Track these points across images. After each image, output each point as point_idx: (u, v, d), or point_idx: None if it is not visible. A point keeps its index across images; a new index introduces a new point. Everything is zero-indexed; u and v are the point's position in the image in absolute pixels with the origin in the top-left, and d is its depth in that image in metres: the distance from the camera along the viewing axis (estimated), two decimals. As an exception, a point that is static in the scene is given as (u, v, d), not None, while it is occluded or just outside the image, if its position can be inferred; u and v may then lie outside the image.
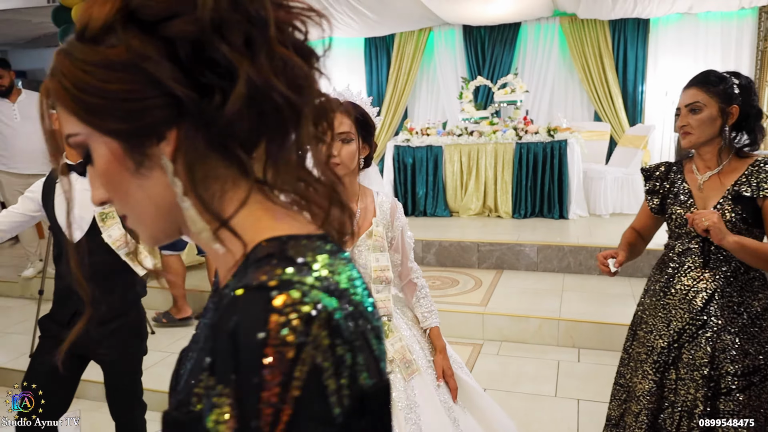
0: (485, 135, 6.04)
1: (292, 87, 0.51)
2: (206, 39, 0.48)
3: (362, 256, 1.79)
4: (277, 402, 0.42)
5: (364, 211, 1.82)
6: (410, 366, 1.71)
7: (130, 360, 2.25)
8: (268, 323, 0.43)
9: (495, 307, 3.93)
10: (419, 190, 6.17)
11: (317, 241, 0.53)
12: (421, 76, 7.96)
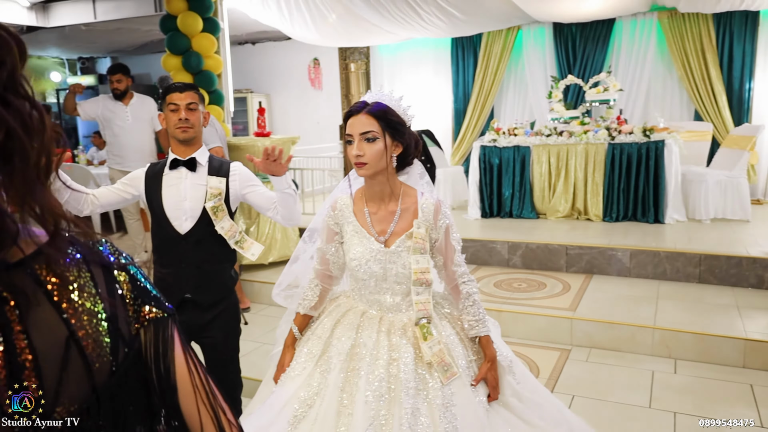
0: (575, 135, 5.87)
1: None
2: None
3: (401, 257, 1.76)
4: None
5: (405, 212, 1.80)
6: (449, 369, 1.69)
7: (233, 340, 2.40)
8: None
9: (584, 312, 3.82)
10: (505, 191, 6.08)
11: None
12: (509, 76, 7.84)
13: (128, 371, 0.71)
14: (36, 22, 7.45)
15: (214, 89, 5.63)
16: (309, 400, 1.69)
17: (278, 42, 9.45)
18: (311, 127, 9.04)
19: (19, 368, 0.62)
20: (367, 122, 1.70)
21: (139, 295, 0.74)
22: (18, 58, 0.65)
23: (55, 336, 0.65)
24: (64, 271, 0.66)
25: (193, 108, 2.23)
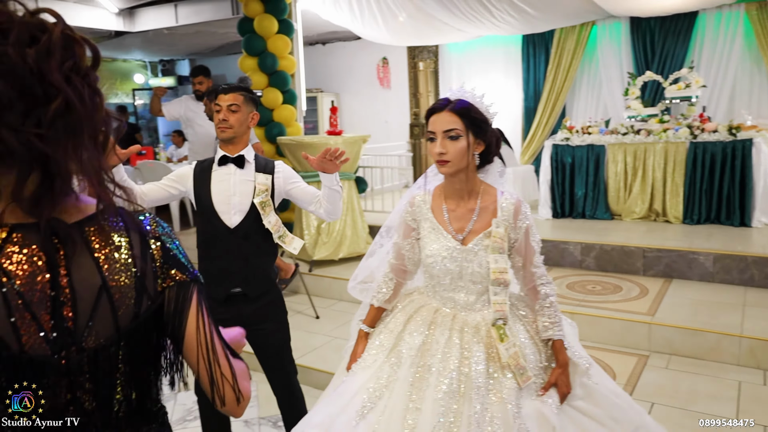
0: (654, 133, 5.64)
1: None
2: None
3: (478, 256, 1.74)
4: None
5: (484, 211, 1.78)
6: (524, 372, 1.66)
7: (284, 328, 2.47)
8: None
9: (664, 317, 3.67)
10: (578, 191, 5.93)
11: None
12: (581, 73, 7.62)
13: (149, 320, 0.88)
14: (123, 27, 7.89)
15: (287, 89, 5.79)
16: (378, 392, 1.70)
17: (348, 42, 9.59)
18: (379, 126, 9.12)
19: (60, 303, 0.81)
20: (451, 120, 1.69)
21: (168, 260, 0.91)
22: (86, 56, 0.82)
23: (91, 283, 0.83)
24: (107, 234, 0.85)
25: (235, 110, 2.30)
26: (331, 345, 3.88)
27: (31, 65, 0.75)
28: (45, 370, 0.81)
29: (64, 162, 0.79)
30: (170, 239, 0.92)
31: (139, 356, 0.89)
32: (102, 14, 7.58)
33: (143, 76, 11.44)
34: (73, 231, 0.83)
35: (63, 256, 0.82)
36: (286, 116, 5.72)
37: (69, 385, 0.83)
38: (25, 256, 0.80)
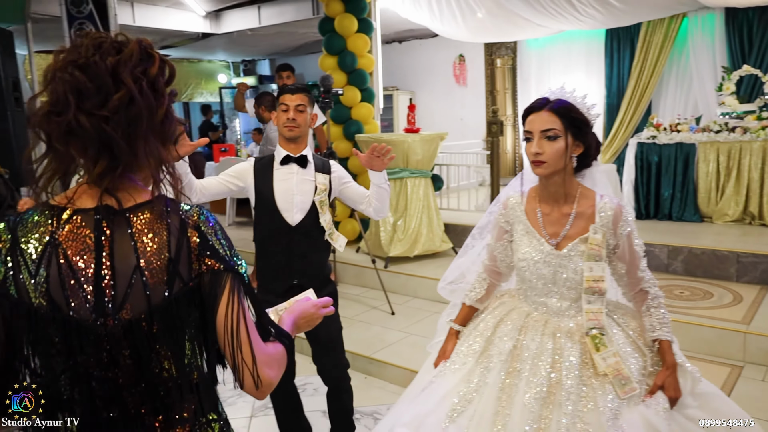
0: (751, 131, 5.30)
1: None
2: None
3: (572, 262, 1.69)
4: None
5: (580, 216, 1.72)
6: (627, 383, 1.58)
7: (337, 321, 2.53)
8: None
9: (761, 326, 3.45)
10: (664, 192, 5.66)
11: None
12: (670, 67, 7.26)
13: (181, 300, 0.97)
14: (209, 29, 8.26)
15: (365, 87, 5.87)
16: (468, 396, 1.69)
17: (424, 40, 9.59)
18: (455, 124, 9.07)
19: (101, 277, 0.95)
20: (549, 119, 1.65)
21: (204, 248, 0.99)
22: (158, 68, 0.99)
23: (128, 263, 0.95)
24: (149, 220, 0.97)
25: (301, 110, 2.38)
26: (407, 341, 3.91)
27: (109, 68, 0.93)
28: (88, 334, 0.95)
29: (125, 146, 0.94)
30: (211, 230, 1.01)
31: (174, 333, 0.98)
32: (190, 17, 7.97)
33: (226, 75, 11.92)
34: (121, 216, 0.96)
35: (109, 237, 0.95)
36: (364, 114, 5.79)
37: (109, 351, 0.96)
38: (79, 235, 0.95)
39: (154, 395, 1.00)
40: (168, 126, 1.00)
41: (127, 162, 0.95)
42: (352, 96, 5.69)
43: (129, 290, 0.95)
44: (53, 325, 0.94)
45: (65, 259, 0.94)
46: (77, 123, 0.91)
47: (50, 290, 0.94)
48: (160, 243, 0.96)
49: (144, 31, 7.81)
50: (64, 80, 0.92)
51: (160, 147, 0.98)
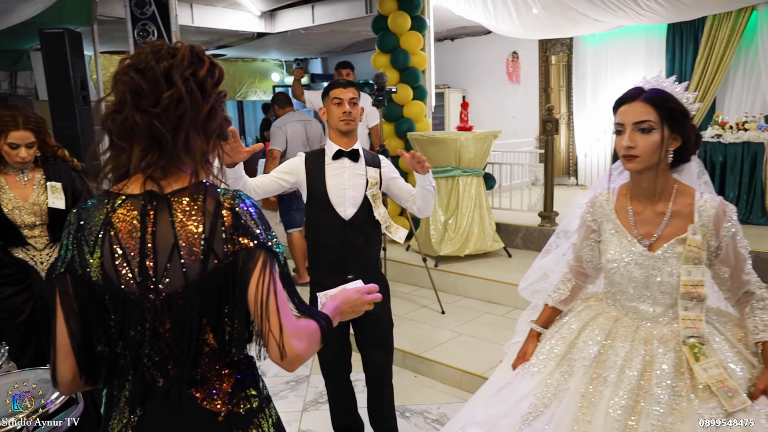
0: (826, 130, 5.00)
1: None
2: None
3: (668, 265, 1.57)
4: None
5: (676, 215, 1.59)
6: (735, 395, 1.44)
7: (388, 315, 2.54)
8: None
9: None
10: (729, 192, 5.41)
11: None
12: (736, 63, 6.93)
13: (216, 276, 1.05)
14: (264, 28, 8.41)
15: (418, 85, 5.85)
16: (545, 400, 1.63)
17: (477, 37, 9.48)
18: (506, 122, 8.94)
19: (145, 255, 1.05)
20: (643, 110, 1.53)
21: (237, 228, 1.06)
22: (207, 71, 1.09)
23: (167, 241, 1.05)
24: (187, 203, 1.06)
25: (355, 102, 2.40)
26: (457, 341, 3.87)
27: (163, 71, 1.05)
28: (135, 306, 1.06)
29: (171, 140, 1.05)
30: (245, 211, 1.08)
31: (210, 307, 1.06)
32: (246, 17, 8.13)
33: (279, 74, 12.12)
34: (163, 200, 1.07)
35: (152, 219, 1.06)
36: (416, 112, 5.78)
37: (152, 322, 1.06)
38: (128, 217, 1.07)
39: (195, 367, 1.08)
40: (212, 122, 1.10)
41: (173, 153, 1.06)
42: (404, 94, 5.68)
43: (168, 267, 1.05)
44: (108, 298, 1.06)
45: (116, 239, 1.06)
46: (133, 120, 1.04)
47: (105, 267, 1.06)
48: (196, 224, 1.05)
49: (201, 31, 8.03)
50: (124, 82, 1.05)
51: (203, 140, 1.09)
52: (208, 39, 9.02)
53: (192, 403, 1.08)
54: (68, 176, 2.59)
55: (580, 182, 8.70)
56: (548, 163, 5.35)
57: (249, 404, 1.12)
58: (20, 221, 2.45)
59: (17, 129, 2.39)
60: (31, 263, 2.49)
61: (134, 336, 1.06)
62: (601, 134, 8.28)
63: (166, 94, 1.03)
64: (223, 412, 1.09)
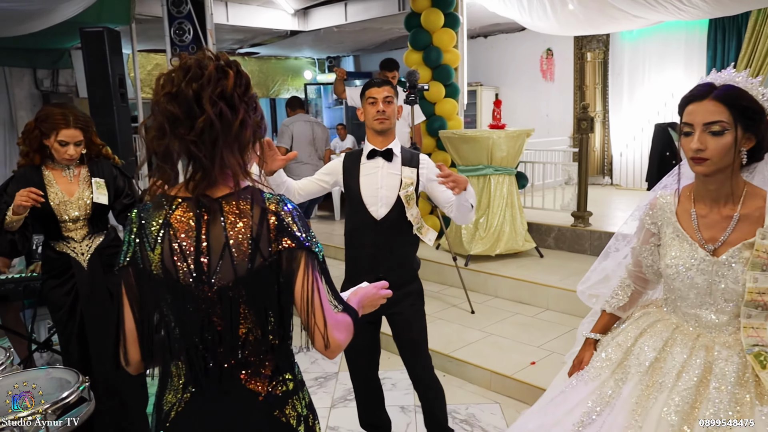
0: None
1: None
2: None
3: (734, 271, 1.48)
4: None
5: (745, 218, 1.49)
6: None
7: (421, 317, 2.49)
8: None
9: None
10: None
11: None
12: (782, 60, 6.71)
13: (262, 273, 1.17)
14: (297, 26, 8.46)
15: (450, 83, 5.81)
16: (598, 408, 1.58)
17: (510, 34, 9.38)
18: (540, 120, 8.81)
19: (200, 252, 1.16)
20: (714, 110, 1.43)
21: (281, 230, 1.18)
22: (233, 82, 1.16)
23: (219, 241, 1.17)
24: (236, 207, 1.17)
25: (390, 101, 2.37)
26: (486, 341, 3.84)
27: (193, 95, 1.13)
28: (190, 297, 1.18)
29: (208, 162, 1.15)
30: (288, 214, 1.19)
31: (256, 300, 1.19)
32: (280, 15, 8.20)
33: (312, 72, 12.19)
34: (215, 204, 1.18)
35: (205, 220, 1.17)
36: (448, 110, 5.74)
37: (206, 311, 1.18)
38: (184, 218, 1.18)
39: (241, 352, 1.20)
40: (244, 132, 1.19)
41: (212, 173, 1.17)
42: (436, 91, 5.65)
43: (220, 263, 1.16)
44: (166, 289, 1.19)
45: (174, 238, 1.17)
46: (173, 146, 1.15)
47: (164, 261, 1.18)
48: (244, 225, 1.17)
49: (236, 29, 8.13)
50: (161, 111, 1.15)
51: (238, 155, 1.19)
52: (242, 37, 9.13)
53: (237, 384, 1.21)
54: (111, 173, 2.67)
55: (615, 182, 8.53)
56: (582, 162, 5.26)
57: (285, 387, 1.25)
58: (66, 215, 2.52)
59: (68, 127, 2.45)
60: (73, 255, 2.56)
61: (189, 323, 1.19)
62: (638, 133, 8.10)
63: (199, 121, 1.12)
64: (263, 393, 1.22)
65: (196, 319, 1.19)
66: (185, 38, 5.56)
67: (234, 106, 1.16)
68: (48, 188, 2.50)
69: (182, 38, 5.57)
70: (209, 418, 1.22)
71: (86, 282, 2.55)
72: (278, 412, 1.23)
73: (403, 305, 2.43)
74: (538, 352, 3.62)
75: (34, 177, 2.50)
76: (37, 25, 4.75)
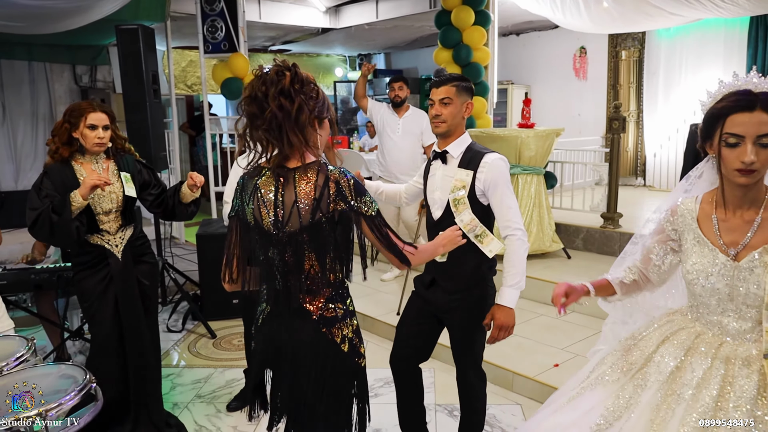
0: None
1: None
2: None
3: (755, 275, 1.47)
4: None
5: (766, 221, 1.49)
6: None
7: (472, 328, 2.35)
8: None
9: None
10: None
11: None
12: (827, 59, 6.47)
13: (321, 225, 1.57)
14: (329, 24, 8.51)
15: (480, 81, 5.77)
16: (617, 413, 1.57)
17: (543, 32, 9.26)
18: (571, 120, 8.68)
19: (276, 206, 1.59)
20: (766, 121, 1.40)
21: (338, 195, 1.58)
22: (289, 81, 1.55)
23: (291, 199, 1.59)
24: (305, 176, 1.59)
25: (447, 102, 2.25)
26: (509, 342, 3.77)
27: (263, 96, 1.55)
28: (270, 239, 1.62)
29: (278, 141, 1.57)
30: (346, 183, 1.59)
31: (316, 244, 1.59)
32: (312, 12, 8.25)
33: (342, 69, 12.24)
34: (289, 172, 1.60)
35: (282, 184, 1.60)
36: (477, 108, 5.70)
37: (281, 250, 1.61)
38: (268, 183, 1.62)
39: (304, 281, 1.61)
40: (301, 115, 1.55)
41: (283, 150, 1.59)
42: (465, 90, 5.62)
43: (290, 215, 1.57)
44: (256, 233, 1.65)
45: (261, 196, 1.62)
46: (256, 135, 1.59)
47: (255, 213, 1.63)
48: (309, 189, 1.57)
49: (268, 26, 8.21)
50: (245, 111, 1.58)
51: (299, 133, 1.56)
52: (274, 34, 9.22)
53: (298, 304, 1.62)
54: (135, 167, 2.77)
55: (647, 183, 8.36)
56: (613, 163, 5.17)
57: (335, 313, 1.64)
58: (99, 208, 2.60)
59: (95, 111, 2.57)
60: (108, 247, 2.64)
61: (271, 257, 1.63)
62: (673, 133, 7.91)
63: (266, 113, 1.53)
64: (316, 314, 1.62)
65: (274, 255, 1.62)
66: (217, 35, 5.65)
67: (291, 98, 1.53)
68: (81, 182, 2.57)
69: (214, 35, 5.66)
70: (277, 326, 1.66)
71: (120, 272, 2.64)
72: (325, 330, 1.62)
73: (456, 313, 2.34)
74: (561, 354, 3.58)
75: (67, 171, 2.58)
76: (76, 23, 4.88)
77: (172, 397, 3.43)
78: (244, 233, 1.67)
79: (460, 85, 2.28)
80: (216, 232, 4.54)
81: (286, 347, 1.65)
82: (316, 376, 1.62)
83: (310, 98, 1.58)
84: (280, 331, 1.65)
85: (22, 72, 7.14)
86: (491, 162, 2.24)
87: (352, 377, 1.69)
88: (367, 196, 1.60)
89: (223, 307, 4.54)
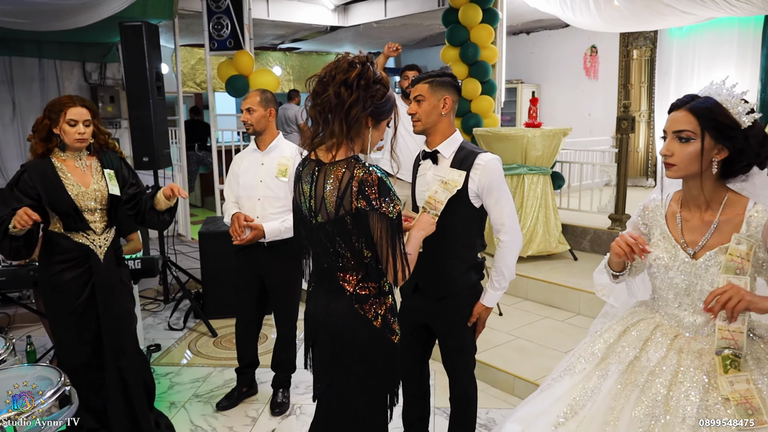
0: None
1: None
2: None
3: (710, 273, 1.57)
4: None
5: (725, 224, 1.58)
6: (755, 414, 1.42)
7: (461, 335, 2.32)
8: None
9: None
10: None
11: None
12: (844, 59, 6.33)
13: (345, 218, 1.64)
14: (337, 22, 8.48)
15: (487, 80, 5.71)
16: (581, 402, 1.67)
17: (553, 30, 9.16)
18: (581, 120, 8.58)
19: (310, 198, 1.72)
20: (684, 120, 1.56)
21: (360, 193, 1.61)
22: (356, 74, 1.62)
23: (321, 191, 1.68)
24: (334, 171, 1.66)
25: (420, 99, 2.18)
26: (513, 345, 3.75)
27: (327, 78, 1.64)
28: (309, 226, 1.76)
29: (321, 124, 1.66)
30: (370, 182, 1.61)
31: (342, 234, 1.67)
32: (320, 11, 8.22)
33: (352, 68, 12.20)
34: (324, 166, 1.68)
35: (317, 177, 1.69)
36: (484, 107, 5.65)
37: (317, 236, 1.74)
38: (307, 174, 1.74)
39: (339, 262, 1.72)
40: (353, 109, 1.60)
41: (325, 133, 1.66)
42: (472, 88, 5.57)
43: (321, 206, 1.68)
44: (299, 219, 1.82)
45: (301, 186, 1.76)
46: (312, 111, 1.68)
47: (296, 200, 1.80)
48: (335, 185, 1.64)
49: (277, 24, 8.19)
50: (312, 89, 1.67)
51: (345, 125, 1.61)
52: (283, 32, 9.20)
53: (336, 280, 1.75)
54: (117, 165, 2.68)
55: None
56: (622, 163, 5.09)
57: (368, 291, 1.74)
58: (83, 206, 2.53)
59: (75, 106, 2.49)
60: (92, 247, 2.56)
61: (312, 240, 1.77)
62: (685, 134, 7.80)
63: (324, 96, 1.62)
64: (349, 291, 1.73)
65: (313, 240, 1.76)
66: (223, 33, 5.63)
67: (351, 90, 1.59)
68: (63, 179, 2.51)
69: (220, 33, 5.65)
70: (318, 299, 1.82)
71: (103, 274, 2.56)
72: (358, 306, 1.73)
73: (440, 320, 2.31)
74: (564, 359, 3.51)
75: (47, 168, 2.50)
76: (84, 20, 4.87)
77: (170, 396, 3.42)
78: (295, 218, 1.86)
79: (435, 81, 2.18)
80: (219, 230, 4.52)
81: (325, 321, 1.78)
82: (350, 348, 1.75)
83: (371, 97, 1.63)
84: (318, 307, 1.81)
85: (33, 69, 7.17)
86: (485, 163, 2.15)
87: (384, 352, 1.78)
88: (389, 197, 1.62)
89: (225, 306, 4.52)
